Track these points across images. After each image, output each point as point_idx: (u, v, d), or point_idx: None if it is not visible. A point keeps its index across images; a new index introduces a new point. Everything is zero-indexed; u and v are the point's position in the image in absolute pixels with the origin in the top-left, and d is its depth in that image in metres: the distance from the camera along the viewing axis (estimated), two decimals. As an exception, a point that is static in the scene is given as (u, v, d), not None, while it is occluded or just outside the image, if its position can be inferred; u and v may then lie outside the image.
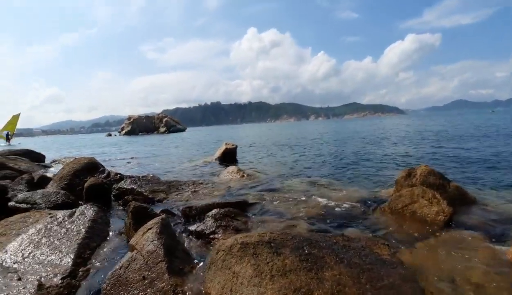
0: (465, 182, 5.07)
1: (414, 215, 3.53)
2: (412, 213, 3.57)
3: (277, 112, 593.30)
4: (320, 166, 7.44)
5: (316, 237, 2.07)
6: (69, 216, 2.90)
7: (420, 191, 3.72)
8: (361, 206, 4.00)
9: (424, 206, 3.56)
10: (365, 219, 3.53)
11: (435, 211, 3.44)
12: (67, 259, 2.27)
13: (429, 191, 3.68)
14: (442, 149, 9.57)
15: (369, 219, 3.53)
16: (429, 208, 3.52)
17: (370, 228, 3.21)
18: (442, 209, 3.46)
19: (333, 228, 3.13)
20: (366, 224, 3.33)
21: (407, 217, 3.52)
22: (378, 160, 7.91)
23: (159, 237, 2.10)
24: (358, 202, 4.18)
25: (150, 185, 4.47)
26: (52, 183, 4.70)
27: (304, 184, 5.36)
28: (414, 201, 3.68)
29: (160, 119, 53.36)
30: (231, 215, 3.00)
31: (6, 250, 2.38)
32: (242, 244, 1.67)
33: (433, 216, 3.40)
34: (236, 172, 5.84)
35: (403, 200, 3.70)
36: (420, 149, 9.83)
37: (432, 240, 2.91)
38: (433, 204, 3.55)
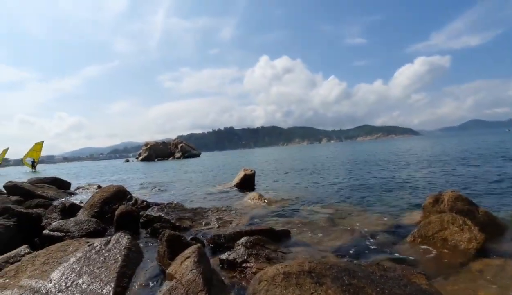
0: (492, 206, 4.90)
1: (446, 242, 3.43)
2: (443, 241, 3.47)
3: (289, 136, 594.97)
4: (339, 191, 7.37)
5: (353, 267, 2.07)
6: (105, 244, 3.01)
7: (450, 217, 3.64)
8: (388, 233, 3.93)
9: (455, 233, 3.47)
10: (395, 246, 3.46)
11: (467, 238, 3.35)
12: (108, 288, 2.35)
13: (459, 217, 3.60)
14: (461, 171, 9.31)
15: (399, 246, 3.46)
16: (460, 235, 3.43)
17: (402, 256, 3.14)
18: (474, 235, 3.36)
19: (364, 257, 3.09)
20: (397, 252, 3.26)
21: (438, 245, 3.42)
22: (397, 184, 7.76)
23: (197, 266, 2.16)
24: (384, 229, 4.12)
25: (176, 212, 4.58)
26: (83, 210, 4.89)
27: (326, 209, 5.33)
28: (444, 227, 3.59)
29: (175, 145, 54.59)
30: (261, 243, 3.02)
31: (50, 279, 2.49)
32: (284, 274, 1.70)
33: (466, 243, 3.30)
34: (257, 198, 5.89)
35: (433, 227, 3.62)
36: (439, 172, 9.59)
37: (467, 268, 2.83)
38: (464, 230, 3.46)
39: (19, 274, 2.67)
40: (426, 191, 6.57)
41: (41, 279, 2.53)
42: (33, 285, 2.45)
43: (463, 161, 12.49)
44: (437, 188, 6.84)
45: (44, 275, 2.59)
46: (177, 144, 54.78)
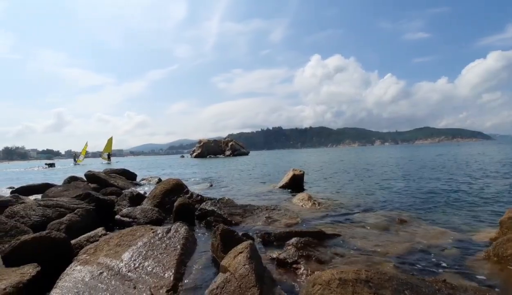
0: None
1: (531, 265, 2.92)
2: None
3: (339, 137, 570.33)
4: (397, 197, 6.80)
5: (416, 281, 1.91)
6: (166, 232, 3.29)
7: (536, 236, 3.10)
8: (455, 248, 3.50)
9: (543, 255, 2.94)
10: (464, 263, 3.07)
11: (558, 262, 2.81)
12: (169, 272, 2.56)
13: (549, 237, 3.04)
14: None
15: (470, 264, 3.06)
16: (549, 257, 2.89)
17: (474, 275, 2.77)
18: None
19: (427, 271, 2.81)
20: (468, 270, 2.89)
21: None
22: (467, 194, 6.85)
23: (250, 262, 2.22)
24: (450, 243, 3.68)
25: (228, 208, 4.77)
26: (147, 200, 5.42)
27: (382, 216, 4.97)
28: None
29: (226, 143, 56.84)
30: (311, 245, 2.97)
31: (122, 259, 2.82)
32: (340, 280, 1.65)
33: (556, 267, 2.77)
34: (307, 199, 5.79)
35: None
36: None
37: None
38: (554, 253, 2.91)
39: (97, 252, 3.08)
40: (504, 204, 5.68)
41: (114, 258, 2.88)
42: (108, 263, 2.80)
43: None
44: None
45: (117, 255, 2.94)
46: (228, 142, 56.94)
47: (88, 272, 2.66)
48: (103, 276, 2.59)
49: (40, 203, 4.86)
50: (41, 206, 4.72)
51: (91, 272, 2.64)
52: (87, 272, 2.66)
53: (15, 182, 14.34)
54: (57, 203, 4.89)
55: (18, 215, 4.37)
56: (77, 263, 2.87)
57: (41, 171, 27.72)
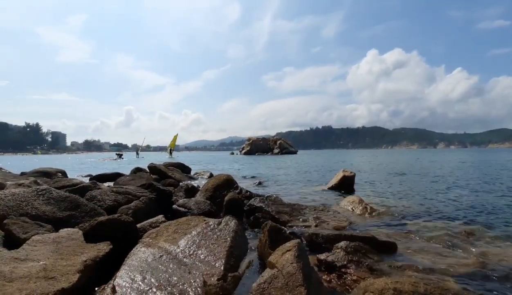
0: None
1: None
2: None
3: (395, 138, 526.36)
4: (464, 208, 6.04)
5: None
6: (217, 224, 3.49)
7: None
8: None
9: None
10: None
11: None
12: (219, 262, 2.73)
13: None
14: None
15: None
16: None
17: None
18: None
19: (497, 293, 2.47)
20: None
21: None
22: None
23: (298, 261, 2.24)
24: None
25: (276, 205, 4.83)
26: (200, 193, 5.80)
27: (444, 228, 4.49)
28: None
29: (274, 141, 57.20)
30: (362, 250, 2.85)
31: (178, 245, 3.09)
32: (395, 290, 1.57)
33: None
34: (358, 202, 5.53)
35: None
36: None
37: None
38: None
39: (158, 237, 3.42)
40: None
41: (172, 244, 3.17)
42: (167, 248, 3.09)
43: None
44: None
45: (174, 241, 3.23)
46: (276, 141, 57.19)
47: (150, 254, 2.97)
48: (163, 259, 2.87)
49: (112, 190, 5.56)
50: (113, 192, 5.40)
51: (153, 254, 2.95)
52: (150, 254, 2.97)
53: (93, 170, 16.60)
54: (126, 190, 5.53)
55: (96, 199, 5.09)
56: (142, 245, 3.23)
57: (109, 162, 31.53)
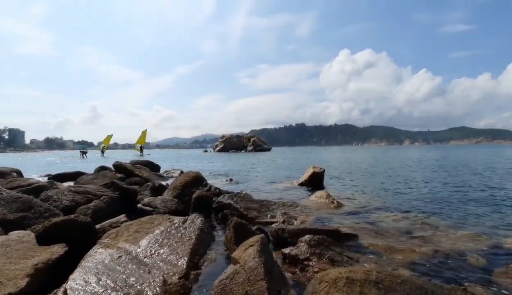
0: None
1: None
2: None
3: (365, 136, 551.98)
4: (423, 200, 6.46)
5: (431, 287, 1.81)
6: (183, 222, 3.40)
7: None
8: (481, 256, 3.26)
9: None
10: (489, 273, 2.86)
11: None
12: (182, 261, 2.65)
13: None
14: None
15: (496, 274, 2.84)
16: None
17: (499, 286, 2.57)
18: None
19: (447, 279, 2.65)
20: (493, 280, 2.69)
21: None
22: (502, 200, 6.35)
23: (260, 255, 2.23)
24: (476, 250, 3.44)
25: (244, 202, 4.81)
26: (168, 191, 5.62)
27: (403, 219, 4.76)
28: None
29: (248, 139, 57.32)
30: (325, 243, 2.92)
31: (139, 245, 2.96)
32: (347, 279, 1.61)
33: None
34: (325, 197, 5.68)
35: (552, 258, 2.86)
36: None
37: None
38: None
39: (118, 237, 3.25)
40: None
41: (133, 244, 3.02)
42: (127, 248, 2.95)
43: None
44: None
45: (135, 241, 3.09)
46: (250, 138, 57.35)
47: (108, 255, 2.82)
48: (121, 260, 2.73)
49: (71, 189, 5.21)
50: (72, 192, 5.06)
51: (111, 255, 2.80)
52: (108, 255, 2.82)
53: (53, 169, 15.49)
54: (85, 190, 5.21)
55: (52, 199, 4.74)
56: (99, 246, 3.06)
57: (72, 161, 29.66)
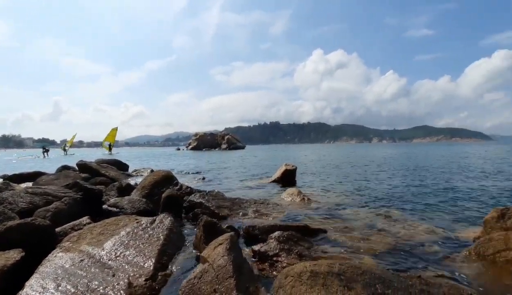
0: None
1: (509, 265, 2.97)
2: (506, 262, 3.01)
3: (336, 134, 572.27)
4: (388, 195, 6.86)
5: (389, 276, 1.94)
6: (151, 223, 3.30)
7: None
8: (438, 246, 3.55)
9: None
10: (445, 262, 3.12)
11: (537, 263, 2.86)
12: (149, 262, 2.58)
13: (531, 238, 3.09)
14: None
15: (450, 262, 3.10)
16: (529, 258, 2.94)
17: (452, 273, 2.81)
18: (547, 261, 2.85)
19: (405, 268, 2.85)
20: (446, 268, 2.94)
21: (499, 266, 2.98)
22: (457, 193, 6.93)
23: (229, 253, 2.24)
24: (434, 240, 3.73)
25: (216, 200, 4.78)
26: (136, 191, 5.41)
27: (370, 214, 5.02)
28: (509, 248, 3.11)
29: (222, 137, 56.89)
30: (294, 239, 3.00)
31: (104, 247, 2.83)
32: (311, 272, 1.67)
33: (535, 269, 2.82)
34: (297, 194, 5.82)
35: (495, 245, 3.17)
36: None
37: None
38: (534, 254, 2.96)
39: (80, 240, 3.09)
40: (491, 204, 5.76)
41: (96, 246, 2.89)
42: (90, 251, 2.81)
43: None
44: (506, 202, 5.95)
45: (99, 243, 2.95)
46: (224, 136, 56.97)
47: (69, 259, 2.67)
48: (83, 264, 2.60)
49: (28, 191, 4.84)
50: (29, 193, 4.71)
51: (72, 259, 2.66)
52: (68, 259, 2.67)
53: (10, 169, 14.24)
54: (45, 191, 4.87)
55: (6, 201, 4.37)
56: (59, 250, 2.89)
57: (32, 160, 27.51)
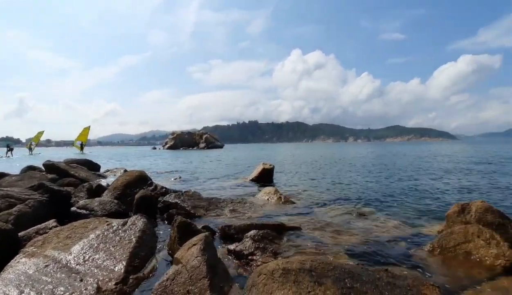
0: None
1: (468, 256, 3.21)
2: (466, 254, 3.25)
3: (314, 133, 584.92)
4: (360, 193, 7.13)
5: (358, 270, 2.02)
6: (122, 225, 3.19)
7: (476, 229, 3.39)
8: (405, 240, 3.75)
9: (480, 247, 3.24)
10: (410, 254, 3.31)
11: (494, 254, 3.10)
12: (120, 265, 2.49)
13: (487, 231, 3.34)
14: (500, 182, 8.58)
15: (415, 255, 3.29)
16: (486, 249, 3.19)
17: (416, 265, 2.99)
18: (503, 252, 3.10)
19: (374, 262, 2.98)
20: (412, 261, 3.12)
21: (459, 258, 3.22)
22: (425, 190, 7.36)
23: (203, 254, 2.22)
24: (401, 235, 3.94)
25: (192, 200, 4.72)
26: (107, 192, 5.20)
27: (344, 211, 5.19)
28: (468, 240, 3.36)
29: (200, 136, 56.15)
30: (269, 237, 3.03)
31: (71, 252, 2.70)
32: (284, 270, 1.70)
33: (492, 259, 3.06)
34: (273, 193, 5.88)
35: (455, 238, 3.41)
36: (474, 180, 8.92)
37: (489, 286, 2.62)
38: (491, 245, 3.22)
39: (45, 245, 2.92)
40: (455, 199, 6.17)
41: (63, 251, 2.74)
42: (55, 256, 2.67)
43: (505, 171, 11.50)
44: (469, 197, 6.40)
45: (66, 247, 2.80)
46: (202, 135, 56.28)
47: (33, 264, 2.53)
48: (48, 269, 2.47)
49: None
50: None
51: (36, 265, 2.51)
52: (32, 264, 2.53)
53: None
54: (7, 194, 4.55)
55: (-39, 205, 4.03)
56: (23, 255, 2.73)
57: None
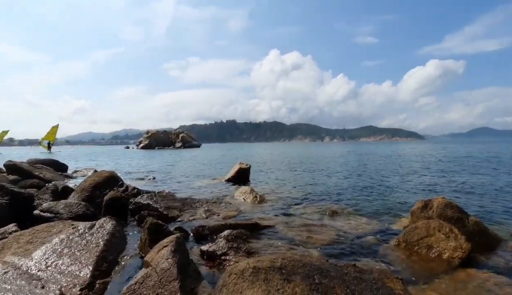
0: (486, 217, 4.86)
1: (430, 249, 3.43)
2: (428, 247, 3.47)
3: (292, 133, 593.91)
4: (334, 192, 7.35)
5: (327, 266, 2.09)
6: (89, 228, 3.05)
7: (437, 224, 3.63)
8: (374, 236, 3.93)
9: (440, 240, 3.47)
10: (378, 249, 3.47)
11: (452, 247, 3.34)
12: (86, 270, 2.38)
13: (446, 225, 3.59)
14: (461, 179, 9.25)
15: (382, 250, 3.46)
16: (446, 242, 3.42)
17: (383, 259, 3.15)
18: (460, 244, 3.34)
19: (344, 258, 3.10)
20: (379, 255, 3.27)
21: (422, 251, 3.43)
22: (393, 188, 7.75)
23: (173, 256, 2.18)
24: (371, 231, 4.12)
25: (165, 201, 4.61)
26: (74, 194, 4.93)
27: (317, 210, 5.33)
28: (430, 234, 3.59)
29: (176, 135, 54.90)
30: (243, 237, 3.04)
31: (32, 257, 2.53)
32: (254, 269, 1.72)
33: (451, 251, 3.29)
34: (249, 192, 5.90)
35: (419, 233, 3.62)
36: (438, 178, 9.54)
37: (448, 277, 2.82)
38: (450, 238, 3.45)
39: (4, 251, 2.72)
40: (420, 196, 6.55)
41: (23, 257, 2.57)
42: (15, 262, 2.50)
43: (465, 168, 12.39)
44: (432, 194, 6.83)
45: (27, 253, 2.63)
46: (178, 134, 55.07)
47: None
48: (7, 276, 2.31)
49: None
50: None
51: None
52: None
53: None
54: (-41, 197, 4.17)
55: None
56: (-23, 263, 2.51)
57: None
